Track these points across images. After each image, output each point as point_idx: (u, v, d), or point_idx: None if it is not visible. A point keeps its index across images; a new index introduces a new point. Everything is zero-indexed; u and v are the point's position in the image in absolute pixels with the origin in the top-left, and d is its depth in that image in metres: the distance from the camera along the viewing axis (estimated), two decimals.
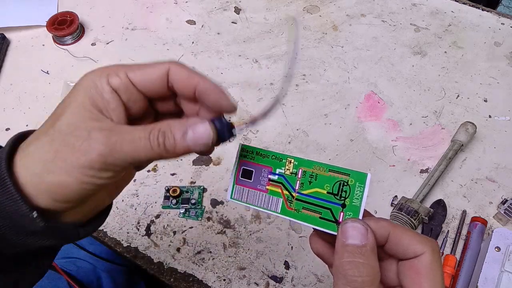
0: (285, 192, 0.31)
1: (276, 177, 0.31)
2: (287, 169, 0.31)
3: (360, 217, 0.28)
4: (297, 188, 0.31)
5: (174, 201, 0.59)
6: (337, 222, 0.29)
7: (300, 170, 0.31)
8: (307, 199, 0.30)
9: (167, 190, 0.60)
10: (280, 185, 0.31)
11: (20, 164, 0.26)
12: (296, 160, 0.31)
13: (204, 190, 0.60)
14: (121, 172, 0.28)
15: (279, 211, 0.31)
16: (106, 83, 0.28)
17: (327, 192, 0.29)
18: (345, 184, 0.29)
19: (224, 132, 0.29)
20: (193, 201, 0.59)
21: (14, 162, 0.26)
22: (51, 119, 0.27)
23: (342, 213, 0.29)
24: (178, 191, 0.59)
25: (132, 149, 0.26)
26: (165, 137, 0.27)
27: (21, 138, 0.28)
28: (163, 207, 0.59)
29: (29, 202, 0.26)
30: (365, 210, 0.29)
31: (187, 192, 0.60)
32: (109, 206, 0.33)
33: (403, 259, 0.28)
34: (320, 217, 0.30)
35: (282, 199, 0.31)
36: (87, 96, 0.27)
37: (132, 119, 0.30)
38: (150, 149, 0.27)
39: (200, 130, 0.28)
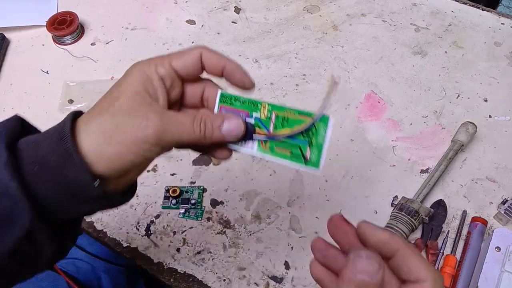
0: (260, 131, 0.35)
1: (252, 121, 0.35)
2: (262, 113, 0.35)
3: (324, 153, 0.33)
4: (271, 129, 0.35)
5: (174, 201, 0.59)
6: (305, 157, 0.33)
7: (274, 114, 0.35)
8: (280, 138, 0.34)
9: (167, 190, 0.60)
10: (256, 127, 0.35)
11: (83, 137, 0.30)
12: (270, 105, 0.35)
13: (204, 190, 0.60)
14: (166, 149, 0.33)
15: (255, 150, 0.35)
16: (155, 72, 0.33)
17: (297, 132, 0.34)
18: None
19: (250, 131, 0.34)
20: (193, 201, 0.59)
21: (76, 135, 0.30)
22: (107, 100, 0.32)
23: (309, 149, 0.34)
24: (178, 191, 0.59)
25: (179, 131, 0.32)
26: (206, 125, 0.33)
27: (76, 115, 0.32)
28: (163, 207, 0.59)
29: (91, 171, 0.29)
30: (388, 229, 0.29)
31: (187, 192, 0.60)
32: (136, 182, 0.37)
33: (404, 280, 0.29)
34: (290, 153, 0.34)
35: (257, 139, 0.35)
36: (140, 83, 0.32)
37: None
38: (192, 133, 0.32)
39: (234, 123, 0.34)
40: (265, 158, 0.36)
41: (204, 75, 0.36)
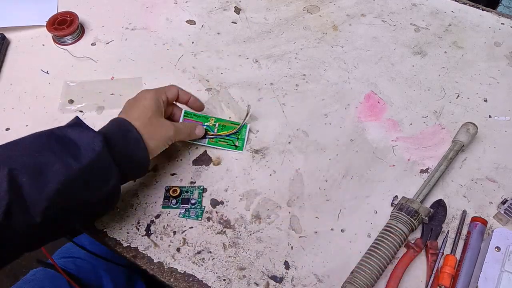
0: (209, 133, 0.64)
1: (204, 127, 0.64)
2: (210, 123, 0.64)
3: (245, 143, 0.64)
4: (215, 132, 0.64)
5: (174, 201, 0.59)
6: (235, 145, 0.63)
7: (217, 123, 0.65)
8: (221, 137, 0.64)
9: (167, 190, 0.60)
10: (207, 131, 0.64)
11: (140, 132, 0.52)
12: (214, 118, 0.65)
13: (204, 190, 0.60)
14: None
15: (206, 143, 0.63)
16: (161, 99, 0.57)
17: (230, 133, 0.64)
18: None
19: (205, 133, 0.63)
20: (193, 201, 0.59)
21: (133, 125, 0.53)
22: (139, 114, 0.54)
23: (237, 141, 0.64)
24: (178, 191, 0.59)
25: (181, 134, 0.59)
26: (193, 132, 0.61)
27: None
28: (163, 207, 0.59)
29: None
30: None
31: (187, 192, 0.60)
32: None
33: None
34: (227, 144, 0.64)
35: (208, 137, 0.64)
36: (156, 106, 0.56)
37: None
38: (187, 136, 0.60)
39: (201, 128, 0.62)
40: (213, 147, 0.64)
41: None
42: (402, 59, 0.75)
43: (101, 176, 0.47)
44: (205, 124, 0.64)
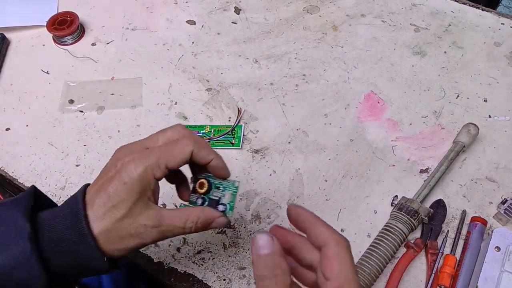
0: (205, 138, 0.62)
1: (200, 134, 0.65)
2: (206, 130, 0.66)
3: (240, 140, 0.56)
4: (212, 136, 0.65)
5: (200, 200, 0.44)
6: (232, 143, 0.64)
7: (212, 129, 0.65)
8: (216, 139, 0.65)
9: (194, 181, 0.44)
10: (204, 136, 0.64)
11: (95, 224, 0.37)
12: (209, 126, 0.66)
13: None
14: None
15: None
16: (152, 178, 0.38)
17: (225, 133, 0.65)
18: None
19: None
20: (221, 208, 0.43)
21: (88, 219, 0.37)
22: (108, 203, 0.37)
23: (233, 139, 0.64)
24: (206, 185, 0.43)
25: (172, 234, 0.40)
26: (197, 227, 0.40)
27: (84, 191, 0.38)
28: (190, 203, 0.44)
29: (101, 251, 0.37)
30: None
31: (218, 188, 0.44)
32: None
33: (319, 246, 0.33)
34: (224, 143, 0.64)
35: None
36: (139, 192, 0.37)
37: None
38: (183, 233, 0.40)
39: (221, 221, 0.42)
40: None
41: None
42: (402, 59, 0.75)
43: None
44: (201, 132, 0.65)
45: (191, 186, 0.45)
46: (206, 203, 0.44)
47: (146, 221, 0.37)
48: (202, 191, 0.43)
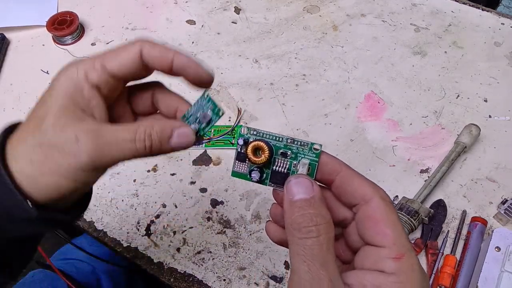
0: (205, 138, 0.35)
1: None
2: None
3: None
4: (212, 136, 0.64)
5: (255, 173, 0.30)
6: (231, 143, 0.47)
7: (213, 129, 0.62)
8: (216, 139, 0.62)
9: (245, 143, 0.30)
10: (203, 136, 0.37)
11: (13, 163, 0.27)
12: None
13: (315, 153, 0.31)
14: (108, 168, 0.29)
15: (204, 146, 0.56)
16: (85, 80, 0.28)
17: (225, 134, 0.58)
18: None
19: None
20: (194, 127, 0.32)
21: (6, 155, 0.28)
22: (34, 120, 0.28)
23: (233, 139, 0.58)
24: (267, 150, 0.29)
25: (118, 152, 0.28)
26: (151, 140, 0.29)
27: (8, 130, 0.29)
28: (234, 174, 0.32)
29: (23, 194, 0.27)
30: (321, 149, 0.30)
31: (284, 155, 0.30)
32: (88, 193, 0.34)
33: (350, 203, 0.28)
34: (224, 143, 0.63)
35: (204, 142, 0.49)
36: (68, 96, 0.28)
37: (112, 120, 0.31)
38: (135, 151, 0.28)
39: (184, 135, 0.30)
40: (211, 148, 0.61)
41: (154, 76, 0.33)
42: (402, 59, 0.75)
43: None
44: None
45: (237, 149, 0.31)
46: (268, 179, 0.30)
47: (78, 132, 0.27)
48: (259, 159, 0.29)
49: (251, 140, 0.30)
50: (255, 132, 0.30)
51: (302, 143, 0.29)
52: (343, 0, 0.83)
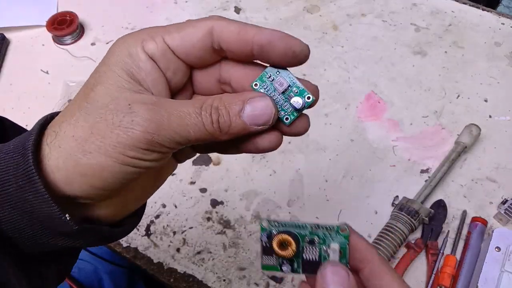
0: None
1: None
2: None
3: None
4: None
5: (286, 267, 0.27)
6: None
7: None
8: None
9: (268, 239, 0.27)
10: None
11: (51, 149, 0.23)
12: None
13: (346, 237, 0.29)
14: (167, 155, 0.25)
15: None
16: (142, 51, 0.24)
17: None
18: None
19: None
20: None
21: (42, 149, 0.23)
22: (83, 91, 0.24)
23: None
24: (293, 244, 0.26)
25: (181, 126, 0.23)
26: (219, 114, 0.24)
27: (49, 120, 0.25)
28: (264, 268, 0.27)
29: (61, 197, 0.23)
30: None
31: (312, 243, 0.27)
32: (142, 207, 0.30)
33: (357, 269, 0.27)
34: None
35: None
36: (122, 67, 0.24)
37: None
38: (202, 127, 0.23)
39: (260, 105, 0.24)
40: None
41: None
42: (402, 59, 0.75)
43: None
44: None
45: (263, 244, 0.27)
46: (300, 268, 0.27)
47: (133, 102, 0.23)
48: (287, 253, 0.26)
49: (275, 233, 0.27)
50: (276, 224, 0.27)
51: (328, 227, 0.27)
52: (343, 0, 0.83)
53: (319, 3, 0.83)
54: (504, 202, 0.57)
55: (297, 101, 0.26)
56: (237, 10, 0.82)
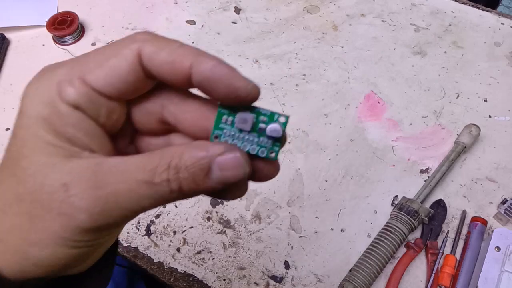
0: None
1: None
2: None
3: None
4: None
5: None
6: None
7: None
8: None
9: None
10: None
11: None
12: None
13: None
14: (121, 228, 0.23)
15: None
16: (60, 101, 0.19)
17: None
18: None
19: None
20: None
21: None
22: (9, 167, 0.20)
23: None
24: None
25: (132, 201, 0.19)
26: (180, 180, 0.19)
27: None
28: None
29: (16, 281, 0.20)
30: None
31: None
32: (115, 243, 0.27)
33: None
34: None
35: None
36: (43, 125, 0.19)
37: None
38: (158, 197, 0.19)
39: (231, 163, 0.20)
40: None
41: None
42: (402, 59, 0.75)
43: None
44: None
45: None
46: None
47: (67, 176, 0.19)
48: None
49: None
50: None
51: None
52: (343, 0, 0.83)
53: (319, 3, 0.83)
54: (504, 202, 0.57)
55: (273, 128, 0.21)
56: (237, 10, 0.82)
